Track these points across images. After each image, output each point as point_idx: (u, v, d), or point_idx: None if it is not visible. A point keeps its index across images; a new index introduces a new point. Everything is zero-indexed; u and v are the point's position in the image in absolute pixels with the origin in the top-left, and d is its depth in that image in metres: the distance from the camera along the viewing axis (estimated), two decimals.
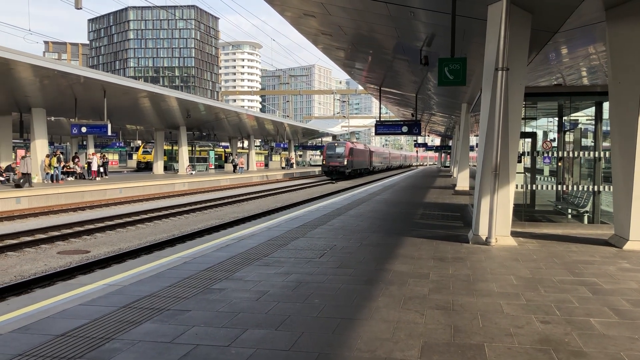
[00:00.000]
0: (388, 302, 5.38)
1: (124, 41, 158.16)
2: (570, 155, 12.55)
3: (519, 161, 10.86)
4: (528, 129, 13.56)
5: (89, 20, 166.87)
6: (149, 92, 28.56)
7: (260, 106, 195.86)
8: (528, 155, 12.84)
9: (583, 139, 13.13)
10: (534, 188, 12.83)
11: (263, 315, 4.88)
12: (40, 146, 29.10)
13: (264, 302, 5.31)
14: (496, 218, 8.76)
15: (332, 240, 9.19)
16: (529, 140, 13.57)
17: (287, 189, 34.27)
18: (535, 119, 14.09)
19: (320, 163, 65.96)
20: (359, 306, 5.21)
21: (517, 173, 9.99)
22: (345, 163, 49.60)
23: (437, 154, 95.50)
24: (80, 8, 17.41)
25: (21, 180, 24.35)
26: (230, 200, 25.81)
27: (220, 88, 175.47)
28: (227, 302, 5.31)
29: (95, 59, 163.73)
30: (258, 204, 24.76)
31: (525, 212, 12.09)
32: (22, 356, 3.85)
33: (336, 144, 51.63)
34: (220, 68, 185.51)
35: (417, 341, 4.24)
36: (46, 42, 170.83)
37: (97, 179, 31.84)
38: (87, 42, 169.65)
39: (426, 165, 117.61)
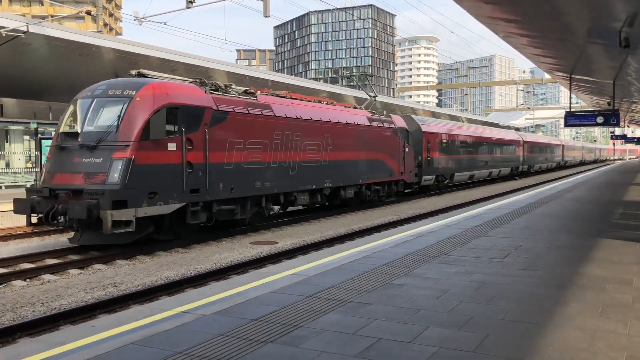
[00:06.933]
0: (583, 308, 4.92)
1: (305, 45, 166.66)
2: None
3: None
4: None
5: (274, 27, 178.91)
6: (329, 92, 29.77)
7: (436, 101, 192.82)
8: None
9: None
10: None
11: (445, 314, 4.78)
12: None
13: (445, 301, 5.20)
14: None
15: (517, 240, 8.68)
16: None
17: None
18: None
19: None
20: (549, 311, 4.85)
21: None
22: (118, 183, 10.69)
23: (638, 147, 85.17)
24: (268, 16, 18.73)
25: None
26: (401, 198, 25.80)
27: (397, 85, 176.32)
28: (408, 298, 5.30)
29: (280, 63, 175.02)
30: (434, 202, 24.39)
31: None
32: (224, 336, 4.25)
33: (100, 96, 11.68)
34: (397, 65, 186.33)
35: (621, 354, 3.81)
36: (238, 51, 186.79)
37: None
38: (273, 48, 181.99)
39: (625, 159, 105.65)
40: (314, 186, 17.01)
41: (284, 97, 16.76)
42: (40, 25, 19.42)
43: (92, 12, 25.13)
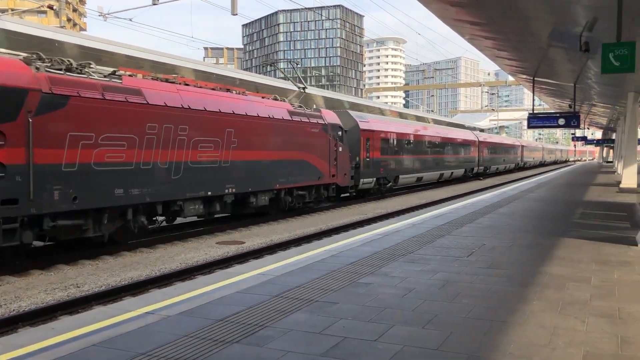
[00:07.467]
0: (544, 306, 5.04)
1: (274, 44, 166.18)
2: None
3: None
4: None
5: (242, 25, 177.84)
6: (297, 92, 29.75)
7: (403, 102, 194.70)
8: None
9: None
10: None
11: (410, 313, 4.83)
12: None
13: (411, 299, 5.26)
14: None
15: (481, 239, 8.84)
16: None
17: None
18: None
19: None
20: (512, 309, 4.95)
21: None
22: None
23: (596, 148, 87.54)
24: (236, 14, 18.64)
25: None
26: (372, 197, 25.98)
27: (365, 85, 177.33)
28: (373, 297, 5.33)
29: (248, 62, 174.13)
30: (401, 201, 24.63)
31: None
32: (188, 337, 4.20)
33: None
34: (365, 65, 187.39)
35: (578, 350, 3.92)
36: (206, 48, 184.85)
37: None
38: (242, 47, 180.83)
39: (586, 160, 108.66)
40: (209, 192, 13.86)
41: (173, 82, 13.65)
42: (0, 19, 18.87)
43: (55, 7, 24.56)
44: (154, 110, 12.17)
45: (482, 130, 66.40)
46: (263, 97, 17.34)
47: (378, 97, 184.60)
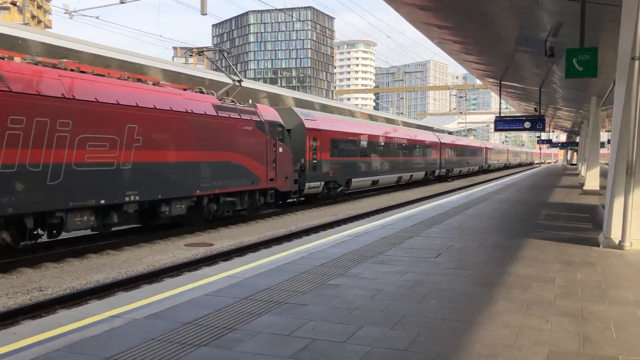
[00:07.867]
0: (510, 306, 5.13)
1: (245, 44, 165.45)
2: None
3: None
4: None
5: (212, 25, 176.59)
6: (269, 92, 29.67)
7: (373, 104, 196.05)
8: None
9: None
10: None
11: (378, 314, 4.86)
12: None
13: (379, 300, 5.29)
14: (631, 220, 8.04)
15: (449, 240, 8.95)
16: None
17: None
18: None
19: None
20: (478, 309, 5.02)
21: None
22: None
23: (561, 151, 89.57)
24: (206, 14, 18.51)
25: None
26: (344, 198, 26.08)
27: (335, 87, 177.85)
28: (343, 298, 5.35)
29: (218, 62, 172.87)
30: (372, 202, 24.77)
31: None
32: (155, 340, 4.14)
33: None
34: (335, 67, 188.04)
35: (543, 349, 4.00)
36: (175, 48, 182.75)
37: None
38: (212, 47, 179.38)
39: (550, 162, 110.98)
40: (102, 201, 11.52)
41: (59, 67, 11.32)
42: None
43: (18, 3, 23.96)
44: (19, 100, 9.78)
45: (450, 133, 66.98)
46: (185, 90, 15.22)
47: (349, 99, 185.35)
